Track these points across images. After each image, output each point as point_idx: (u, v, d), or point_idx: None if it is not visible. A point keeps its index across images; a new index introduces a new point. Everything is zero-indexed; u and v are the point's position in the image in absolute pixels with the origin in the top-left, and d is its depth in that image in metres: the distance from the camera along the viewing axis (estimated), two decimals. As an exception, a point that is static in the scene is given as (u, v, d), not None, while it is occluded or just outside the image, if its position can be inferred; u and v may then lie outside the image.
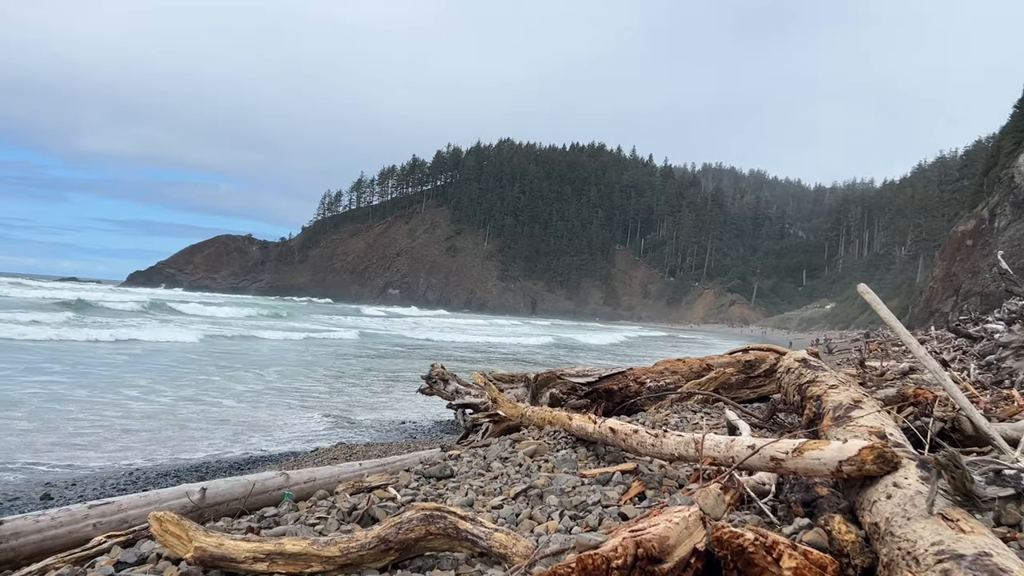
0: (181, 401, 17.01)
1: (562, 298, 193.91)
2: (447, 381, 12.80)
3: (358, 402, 18.98)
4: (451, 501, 4.67)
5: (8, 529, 4.74)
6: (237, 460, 11.90)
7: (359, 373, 25.67)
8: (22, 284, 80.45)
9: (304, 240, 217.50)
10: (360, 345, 40.29)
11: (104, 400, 16.25)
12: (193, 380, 20.40)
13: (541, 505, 4.53)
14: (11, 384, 17.29)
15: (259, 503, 6.45)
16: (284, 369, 25.03)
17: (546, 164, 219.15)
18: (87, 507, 5.26)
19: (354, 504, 4.62)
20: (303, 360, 29.00)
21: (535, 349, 47.71)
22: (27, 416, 13.81)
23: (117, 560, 3.68)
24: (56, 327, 31.30)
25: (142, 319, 43.90)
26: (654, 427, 5.75)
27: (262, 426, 14.91)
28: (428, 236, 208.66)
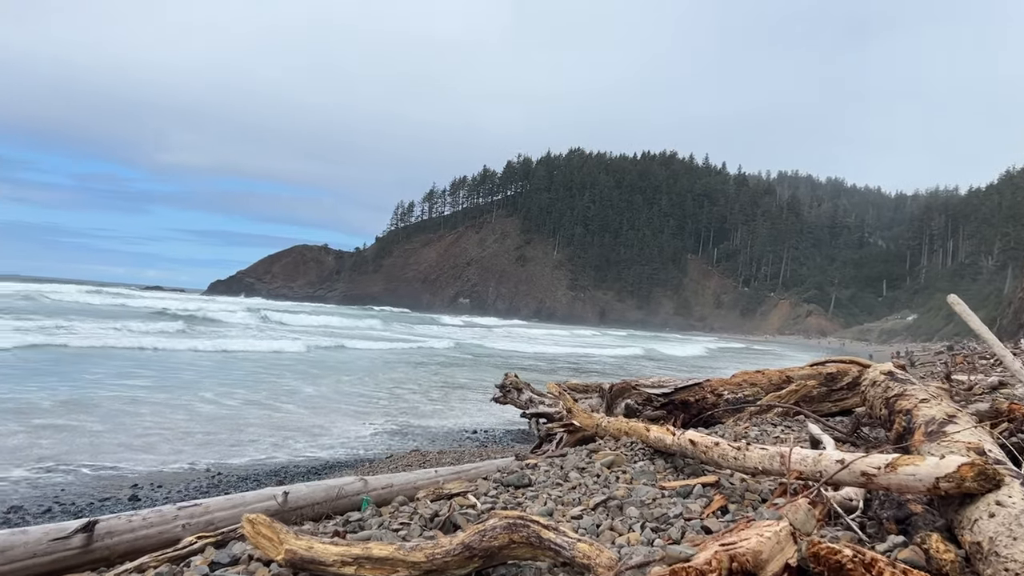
0: (248, 405, 17.39)
1: (632, 308, 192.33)
2: (521, 390, 12.81)
3: (428, 410, 19.15)
4: (530, 510, 4.67)
5: (103, 528, 4.92)
6: (315, 465, 12.09)
7: (432, 381, 25.90)
8: (122, 294, 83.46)
9: (378, 250, 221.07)
10: (442, 353, 40.61)
11: (178, 403, 16.71)
12: (270, 386, 20.87)
13: (621, 517, 4.50)
14: (98, 388, 17.96)
15: (338, 507, 6.56)
16: (363, 376, 25.40)
17: (616, 173, 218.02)
18: (176, 508, 5.42)
19: (436, 511, 4.66)
20: (384, 368, 29.37)
21: (608, 359, 47.39)
22: (101, 418, 14.27)
23: (211, 560, 3.79)
24: (155, 335, 32.27)
25: (243, 329, 45.08)
26: (736, 440, 5.65)
27: (322, 431, 15.14)
28: (498, 246, 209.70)
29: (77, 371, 20.50)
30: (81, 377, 19.42)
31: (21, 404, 14.73)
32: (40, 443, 11.95)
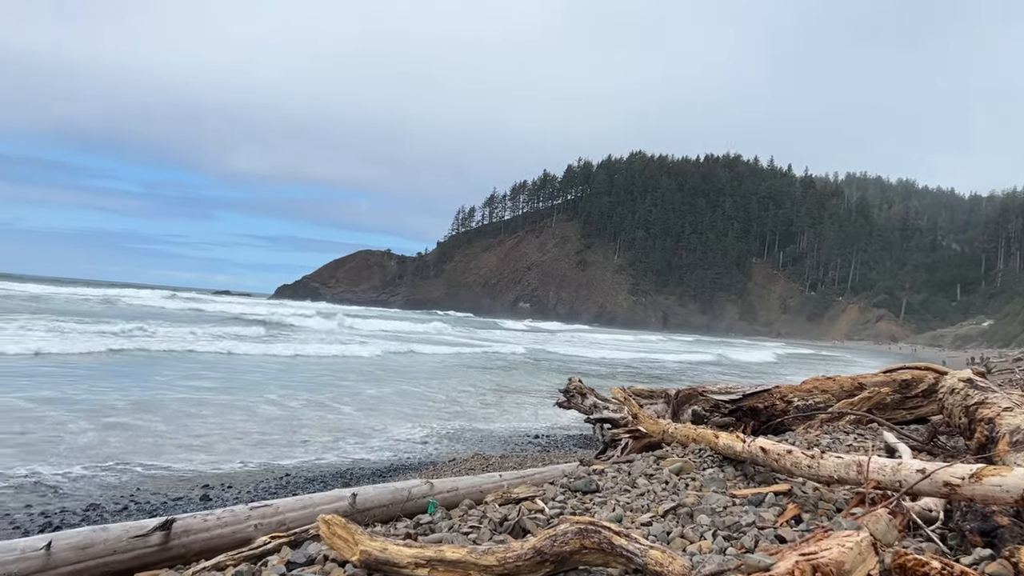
0: (308, 407, 17.61)
1: (695, 312, 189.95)
2: (585, 395, 12.74)
3: (487, 413, 19.18)
4: (599, 516, 4.64)
5: (180, 527, 5.05)
6: (380, 467, 12.19)
7: (493, 385, 25.96)
8: (194, 298, 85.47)
9: (439, 255, 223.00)
10: (509, 358, 40.68)
11: (241, 404, 17.03)
12: (333, 389, 21.14)
13: (692, 524, 4.43)
14: (168, 390, 18.45)
15: (404, 510, 6.61)
16: (427, 380, 25.59)
17: (678, 176, 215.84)
18: (248, 509, 5.53)
19: (504, 515, 4.66)
20: (448, 372, 29.53)
21: (672, 365, 46.88)
22: (166, 419, 14.64)
23: (288, 560, 3.85)
24: (228, 339, 32.97)
25: (315, 333, 45.84)
26: (810, 447, 5.52)
27: (375, 432, 15.26)
28: (558, 250, 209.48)
29: (151, 373, 21.13)
30: (153, 379, 20.02)
31: (95, 404, 15.24)
32: (109, 441, 12.33)
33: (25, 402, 14.93)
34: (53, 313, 41.71)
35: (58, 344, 24.67)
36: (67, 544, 4.49)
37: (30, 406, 14.59)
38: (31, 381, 17.68)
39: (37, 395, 15.85)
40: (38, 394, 16.00)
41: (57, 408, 14.54)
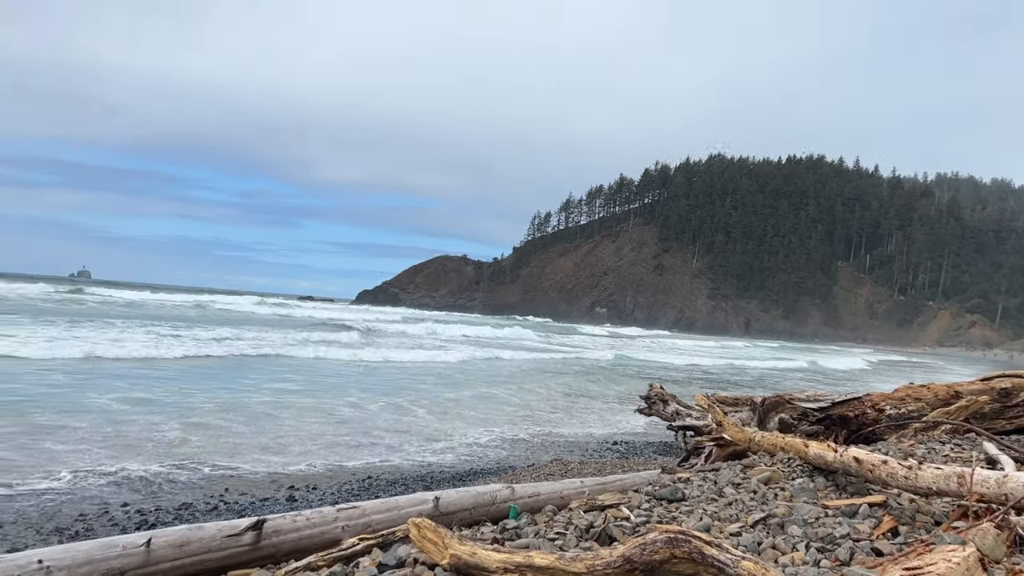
0: (384, 410, 17.83)
1: (778, 318, 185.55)
2: (666, 402, 12.57)
3: (564, 419, 19.12)
4: (686, 525, 4.55)
5: (271, 527, 5.17)
6: (460, 471, 12.25)
7: (571, 390, 25.85)
8: (282, 304, 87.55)
9: (515, 260, 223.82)
10: (591, 364, 40.52)
11: (320, 407, 17.36)
12: (413, 393, 21.36)
13: (783, 535, 4.31)
14: (253, 393, 18.96)
15: (484, 514, 6.63)
16: (508, 385, 25.64)
17: (759, 178, 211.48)
18: (336, 510, 5.63)
19: (590, 522, 4.63)
20: (529, 377, 29.54)
21: (757, 371, 45.91)
22: (249, 420, 15.05)
23: (379, 562, 3.90)
24: (315, 344, 33.62)
25: (401, 338, 46.57)
26: (905, 458, 5.31)
27: (444, 436, 15.34)
28: (635, 254, 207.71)
29: (240, 377, 21.78)
30: (241, 382, 20.63)
31: (185, 407, 15.76)
32: (196, 442, 12.72)
33: (118, 403, 15.57)
34: (148, 318, 43.46)
35: (154, 349, 25.68)
36: (165, 542, 4.65)
37: (123, 407, 15.21)
38: (126, 383, 18.43)
39: (130, 396, 16.52)
40: (131, 395, 16.68)
41: (148, 410, 15.11)
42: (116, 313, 46.41)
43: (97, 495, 9.29)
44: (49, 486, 9.51)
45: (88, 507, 8.73)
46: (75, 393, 16.46)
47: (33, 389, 16.49)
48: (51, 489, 9.40)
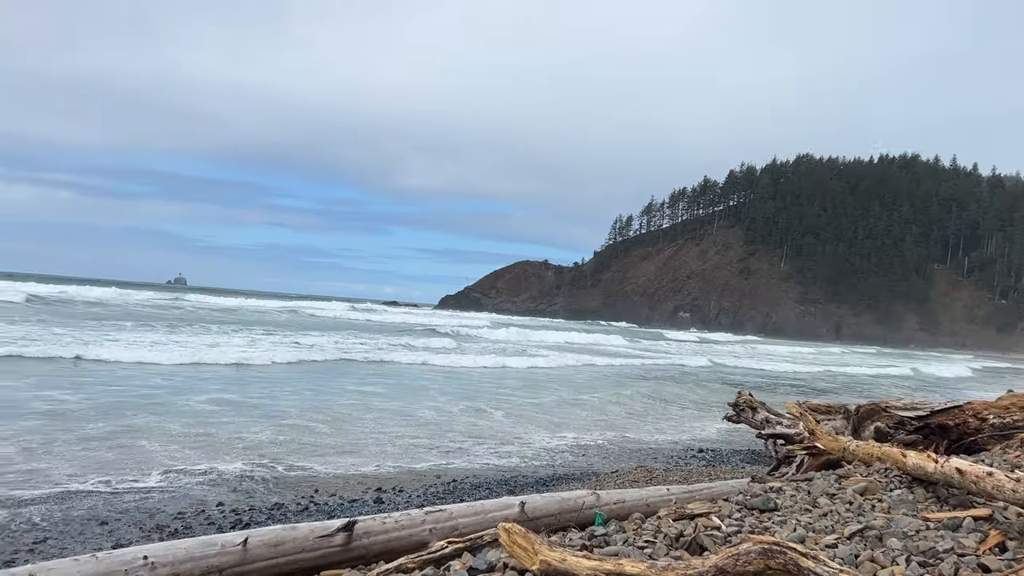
0: (464, 413, 17.99)
1: (870, 323, 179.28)
2: (755, 409, 12.27)
3: (651, 425, 18.91)
4: (779, 535, 4.43)
5: (361, 528, 5.27)
6: (543, 476, 12.24)
7: (655, 396, 25.56)
8: (371, 309, 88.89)
9: (596, 264, 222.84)
10: (665, 368, 40.08)
11: (403, 411, 17.64)
12: (493, 398, 21.46)
13: (882, 548, 4.15)
14: (339, 396, 19.41)
15: (569, 520, 6.61)
16: (594, 390, 25.58)
17: (850, 178, 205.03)
18: (424, 513, 5.69)
19: (680, 530, 4.56)
20: (614, 383, 29.39)
21: (847, 378, 44.51)
22: (330, 420, 15.46)
23: (469, 566, 3.93)
24: (404, 350, 34.13)
25: (492, 343, 46.99)
26: (1012, 470, 5.05)
27: (519, 440, 15.31)
28: (720, 258, 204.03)
29: (329, 381, 22.36)
30: (329, 386, 21.16)
31: (272, 410, 16.25)
32: (287, 443, 13.08)
33: (210, 405, 16.17)
34: (243, 323, 45.02)
35: (247, 353, 26.56)
36: (261, 541, 4.78)
37: (214, 408, 15.81)
38: (218, 387, 19.13)
39: (221, 399, 17.13)
40: (222, 398, 17.30)
41: (239, 412, 15.64)
42: (212, 318, 48.22)
43: (193, 494, 9.64)
44: (146, 485, 9.91)
45: (185, 506, 9.06)
46: (170, 396, 17.13)
47: (132, 392, 17.25)
48: (149, 487, 9.80)
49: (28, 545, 7.24)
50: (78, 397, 15.88)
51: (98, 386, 17.63)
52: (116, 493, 9.44)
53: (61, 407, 14.60)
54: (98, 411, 14.51)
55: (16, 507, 8.50)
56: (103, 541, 7.49)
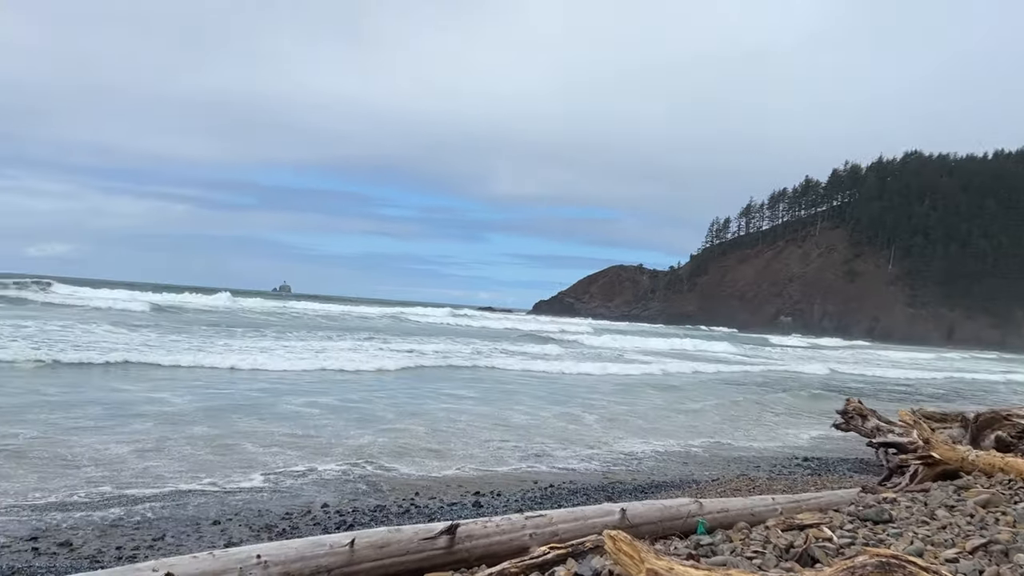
0: (554, 418, 18.00)
1: (985, 326, 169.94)
2: (865, 417, 11.80)
3: (751, 432, 18.45)
4: (895, 548, 4.24)
5: (463, 532, 5.33)
6: (642, 483, 12.09)
7: (757, 402, 24.95)
8: (468, 315, 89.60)
9: (692, 268, 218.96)
10: (768, 375, 39.10)
11: (494, 415, 17.82)
12: (585, 403, 21.35)
13: (1009, 564, 3.93)
14: (434, 399, 19.73)
15: (670, 528, 6.51)
16: (693, 396, 25.19)
17: (963, 176, 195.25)
18: (524, 518, 5.72)
19: (790, 541, 4.42)
20: (717, 390, 28.87)
21: (961, 383, 42.39)
22: (426, 424, 15.71)
23: (574, 572, 3.92)
24: (502, 356, 34.32)
25: (592, 349, 46.96)
26: None
27: (602, 445, 15.16)
28: (823, 260, 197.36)
29: (430, 385, 22.73)
30: (428, 390, 21.49)
31: (370, 415, 16.57)
32: (384, 445, 13.34)
33: (313, 409, 16.68)
34: (347, 329, 46.34)
35: (354, 359, 27.25)
36: (367, 542, 4.89)
37: (313, 411, 16.31)
38: (320, 390, 19.71)
39: (320, 403, 17.59)
40: (321, 401, 17.78)
41: (339, 416, 16.03)
42: (318, 324, 49.89)
43: (298, 495, 9.93)
44: (252, 485, 10.27)
45: (292, 506, 9.34)
46: (273, 399, 17.74)
47: (239, 396, 17.95)
48: (255, 488, 10.16)
49: (148, 541, 7.60)
50: (186, 400, 16.66)
51: (208, 390, 18.45)
52: (225, 492, 9.83)
53: (170, 410, 15.33)
54: (205, 413, 15.17)
55: (131, 504, 8.96)
56: (216, 539, 7.80)
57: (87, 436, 12.21)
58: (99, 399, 16.01)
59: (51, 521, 8.09)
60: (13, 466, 10.18)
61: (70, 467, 10.40)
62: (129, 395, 16.90)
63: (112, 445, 11.76)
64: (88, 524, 8.08)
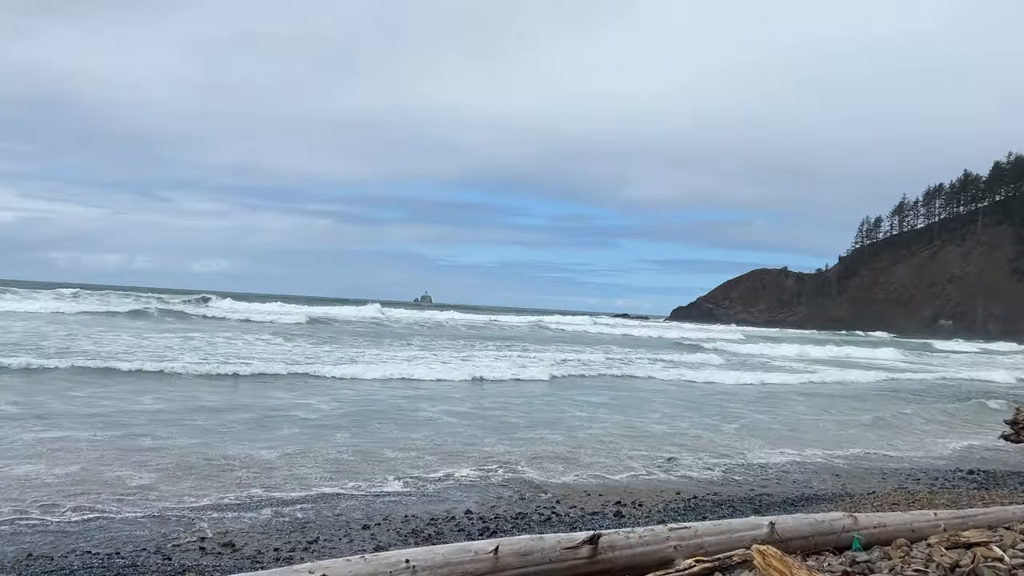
0: (698, 428, 17.70)
1: None
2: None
3: (906, 442, 17.49)
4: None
5: (606, 542, 5.30)
6: (790, 495, 11.69)
7: (918, 411, 23.55)
8: (608, 324, 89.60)
9: (841, 270, 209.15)
10: (930, 383, 36.88)
11: (627, 422, 17.77)
12: (729, 412, 20.84)
13: None
14: (572, 408, 19.84)
15: (822, 544, 6.25)
16: (848, 406, 24.19)
17: None
18: (668, 529, 5.62)
19: (955, 560, 4.16)
20: (869, 397, 27.62)
21: None
22: (563, 433, 15.82)
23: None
24: (678, 366, 34.11)
25: (746, 357, 46.17)
26: None
27: (737, 454, 14.81)
28: (986, 259, 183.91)
29: (572, 394, 22.93)
30: (570, 398, 21.69)
31: (504, 423, 16.87)
32: (523, 453, 13.49)
33: (447, 416, 17.21)
34: (491, 339, 47.45)
35: (500, 367, 27.73)
36: (510, 550, 4.96)
37: (451, 420, 16.76)
38: (457, 399, 20.19)
39: (456, 411, 18.08)
40: (456, 410, 18.27)
41: (474, 424, 16.45)
42: (461, 334, 51.40)
43: (440, 501, 10.19)
44: (394, 489, 10.64)
45: (435, 512, 9.58)
46: (414, 405, 18.40)
47: (380, 404, 18.59)
48: (398, 492, 10.52)
49: (303, 544, 8.00)
50: (332, 407, 17.53)
51: (356, 398, 19.25)
52: (370, 496, 10.22)
53: (316, 416, 16.17)
54: (350, 419, 15.93)
55: (282, 506, 9.46)
56: (366, 543, 8.10)
57: (236, 443, 13.00)
58: (253, 405, 17.15)
59: (211, 521, 8.65)
60: (173, 468, 10.97)
61: (223, 470, 11.06)
62: (279, 402, 17.97)
63: (263, 451, 12.47)
64: (246, 525, 8.59)
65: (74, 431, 12.96)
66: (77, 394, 17.05)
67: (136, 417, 14.73)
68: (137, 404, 16.28)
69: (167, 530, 8.25)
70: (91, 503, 9.00)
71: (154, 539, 7.95)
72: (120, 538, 7.93)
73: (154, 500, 9.34)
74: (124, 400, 16.68)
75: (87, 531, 8.09)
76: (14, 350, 23.11)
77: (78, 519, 8.43)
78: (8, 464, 10.56)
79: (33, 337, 28.15)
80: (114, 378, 19.82)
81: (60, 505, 8.83)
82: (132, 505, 9.08)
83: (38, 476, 10.03)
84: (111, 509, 8.86)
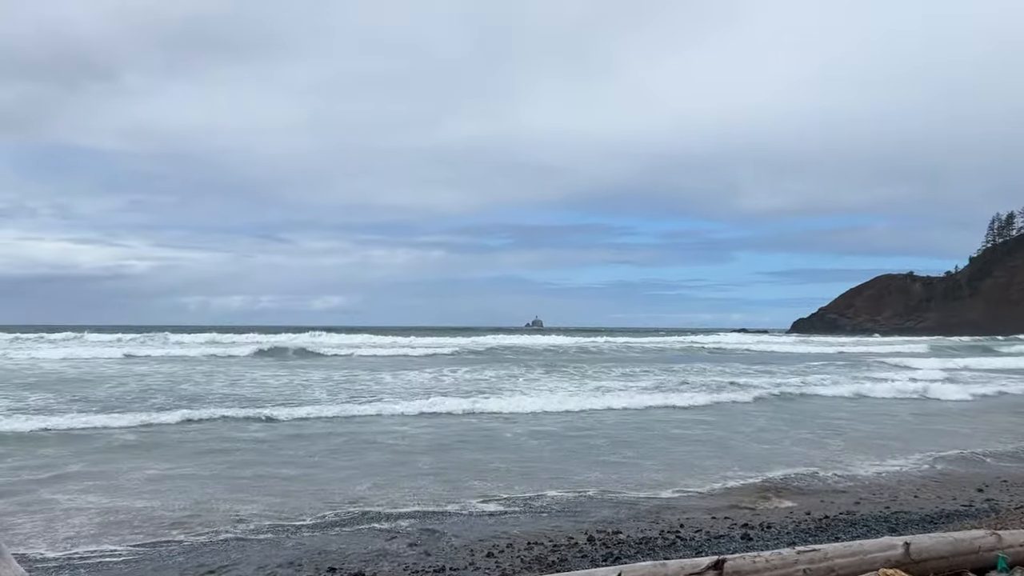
0: (795, 444, 17.39)
1: None
2: None
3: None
4: None
5: (731, 567, 5.24)
6: (928, 512, 11.12)
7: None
8: (763, 340, 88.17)
9: (972, 272, 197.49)
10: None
11: (722, 440, 17.72)
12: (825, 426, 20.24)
13: None
14: (662, 428, 19.79)
15: (962, 564, 5.99)
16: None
17: None
18: (796, 552, 5.50)
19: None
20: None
21: None
22: (641, 453, 15.93)
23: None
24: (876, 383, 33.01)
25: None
26: None
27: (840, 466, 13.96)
28: None
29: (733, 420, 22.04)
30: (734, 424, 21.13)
31: (588, 447, 16.79)
32: (613, 477, 13.32)
33: (527, 439, 17.63)
34: (661, 361, 48.36)
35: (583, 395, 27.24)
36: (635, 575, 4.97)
37: (533, 443, 17.15)
38: (533, 426, 19.97)
39: (534, 430, 18.60)
40: (534, 429, 18.78)
41: (555, 448, 16.58)
42: (626, 357, 53.23)
43: (555, 525, 10.27)
44: (483, 509, 11.09)
45: (555, 536, 9.63)
46: (494, 434, 18.63)
47: (462, 434, 18.61)
48: (489, 513, 10.92)
49: (431, 573, 8.20)
50: (418, 432, 18.34)
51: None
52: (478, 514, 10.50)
53: (401, 443, 16.83)
54: (433, 446, 16.47)
55: (393, 520, 9.73)
56: (491, 571, 8.23)
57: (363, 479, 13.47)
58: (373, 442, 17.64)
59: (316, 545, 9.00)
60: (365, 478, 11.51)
61: (334, 494, 11.68)
62: (363, 428, 18.82)
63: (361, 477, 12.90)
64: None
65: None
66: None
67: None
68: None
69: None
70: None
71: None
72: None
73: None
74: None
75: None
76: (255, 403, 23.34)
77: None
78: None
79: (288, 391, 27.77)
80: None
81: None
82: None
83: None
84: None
